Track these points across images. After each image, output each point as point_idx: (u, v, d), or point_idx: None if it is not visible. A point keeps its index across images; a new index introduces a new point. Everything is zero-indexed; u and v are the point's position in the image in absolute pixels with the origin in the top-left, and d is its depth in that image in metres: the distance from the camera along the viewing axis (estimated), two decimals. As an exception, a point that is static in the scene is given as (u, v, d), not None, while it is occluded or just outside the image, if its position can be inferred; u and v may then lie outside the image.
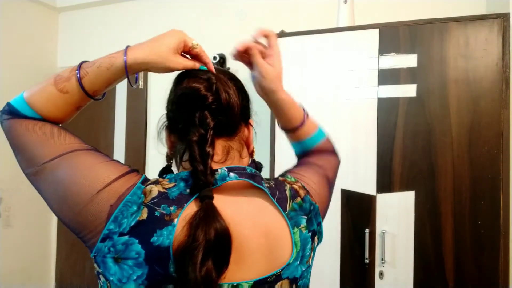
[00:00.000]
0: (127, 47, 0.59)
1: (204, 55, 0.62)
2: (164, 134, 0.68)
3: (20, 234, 2.51)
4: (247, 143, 0.67)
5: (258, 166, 0.68)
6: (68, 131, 0.60)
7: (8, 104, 0.60)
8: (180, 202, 0.54)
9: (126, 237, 0.51)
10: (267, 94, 0.69)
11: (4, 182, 2.41)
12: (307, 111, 0.77)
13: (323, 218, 0.68)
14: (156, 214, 0.52)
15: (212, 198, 0.54)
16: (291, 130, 0.77)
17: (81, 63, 0.60)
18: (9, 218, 2.45)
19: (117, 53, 0.59)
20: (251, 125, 0.69)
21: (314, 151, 0.78)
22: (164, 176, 0.59)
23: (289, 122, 0.75)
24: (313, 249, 0.63)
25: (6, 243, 2.43)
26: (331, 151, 0.81)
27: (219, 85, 0.61)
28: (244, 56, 0.69)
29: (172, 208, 0.53)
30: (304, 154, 0.79)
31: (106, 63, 0.58)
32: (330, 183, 0.75)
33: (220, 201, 0.54)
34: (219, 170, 0.57)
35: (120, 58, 0.57)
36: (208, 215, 0.52)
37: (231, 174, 0.57)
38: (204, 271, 0.48)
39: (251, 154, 0.69)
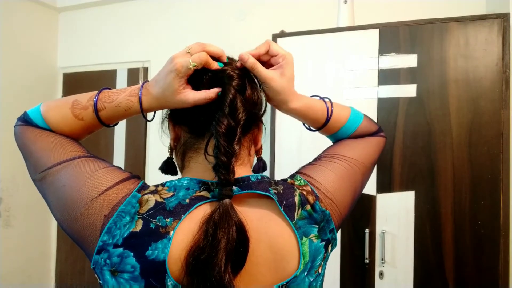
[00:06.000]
0: (142, 86, 0.59)
1: (211, 63, 0.56)
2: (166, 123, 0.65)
3: (20, 234, 2.52)
4: (255, 141, 0.65)
5: (264, 164, 0.67)
6: (76, 141, 0.61)
7: (25, 113, 0.61)
8: (177, 213, 0.52)
9: (120, 249, 0.50)
10: (278, 106, 0.65)
11: (4, 182, 2.41)
12: (331, 102, 0.71)
13: (339, 222, 0.63)
14: (151, 226, 0.51)
15: (231, 197, 0.52)
16: (317, 130, 0.72)
17: (100, 91, 0.60)
18: (9, 218, 2.45)
19: (134, 97, 0.58)
20: (262, 123, 0.66)
21: (351, 137, 0.73)
22: (164, 183, 0.57)
23: (312, 124, 0.71)
24: (325, 258, 0.59)
25: (6, 243, 2.43)
26: (371, 133, 0.75)
27: (246, 79, 0.59)
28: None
29: (168, 220, 0.51)
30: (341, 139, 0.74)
31: (124, 105, 0.58)
32: (357, 180, 0.67)
33: None
34: None
35: (137, 104, 0.58)
36: (229, 215, 0.50)
37: (234, 188, 0.55)
38: (228, 274, 0.47)
39: (257, 151, 0.67)
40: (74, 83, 2.75)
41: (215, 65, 0.56)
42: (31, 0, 2.56)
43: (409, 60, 1.41)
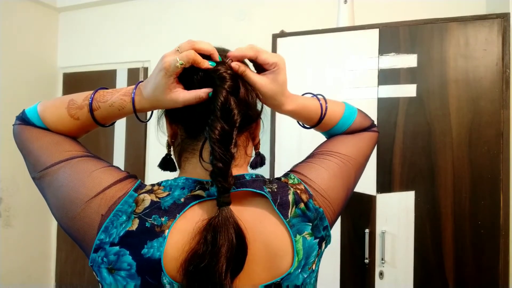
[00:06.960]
0: (136, 88, 0.58)
1: (200, 62, 0.54)
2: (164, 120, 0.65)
3: (20, 234, 2.52)
4: (253, 136, 0.65)
5: (262, 159, 0.66)
6: (74, 140, 0.61)
7: (23, 111, 0.62)
8: (172, 212, 0.53)
9: (117, 248, 0.51)
10: (272, 108, 0.65)
11: (4, 182, 2.41)
12: (324, 99, 0.70)
13: (333, 219, 0.64)
14: (146, 225, 0.51)
15: (230, 203, 0.52)
16: (312, 127, 0.73)
17: (96, 91, 0.60)
18: (9, 218, 2.45)
19: (127, 96, 0.58)
20: (260, 118, 0.65)
21: (345, 132, 0.73)
22: (160, 182, 0.57)
23: (306, 123, 0.71)
24: (318, 255, 0.60)
25: (6, 243, 2.43)
26: (365, 128, 0.74)
27: (240, 79, 0.56)
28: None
29: (163, 219, 0.52)
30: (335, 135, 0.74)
31: (117, 104, 0.58)
32: (350, 176, 0.67)
33: None
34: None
35: (130, 104, 0.58)
36: (228, 222, 0.50)
37: None
38: (227, 280, 0.48)
39: (256, 146, 0.66)
40: (74, 83, 2.75)
41: (205, 64, 0.54)
42: (31, 0, 2.56)
43: (409, 60, 1.41)
